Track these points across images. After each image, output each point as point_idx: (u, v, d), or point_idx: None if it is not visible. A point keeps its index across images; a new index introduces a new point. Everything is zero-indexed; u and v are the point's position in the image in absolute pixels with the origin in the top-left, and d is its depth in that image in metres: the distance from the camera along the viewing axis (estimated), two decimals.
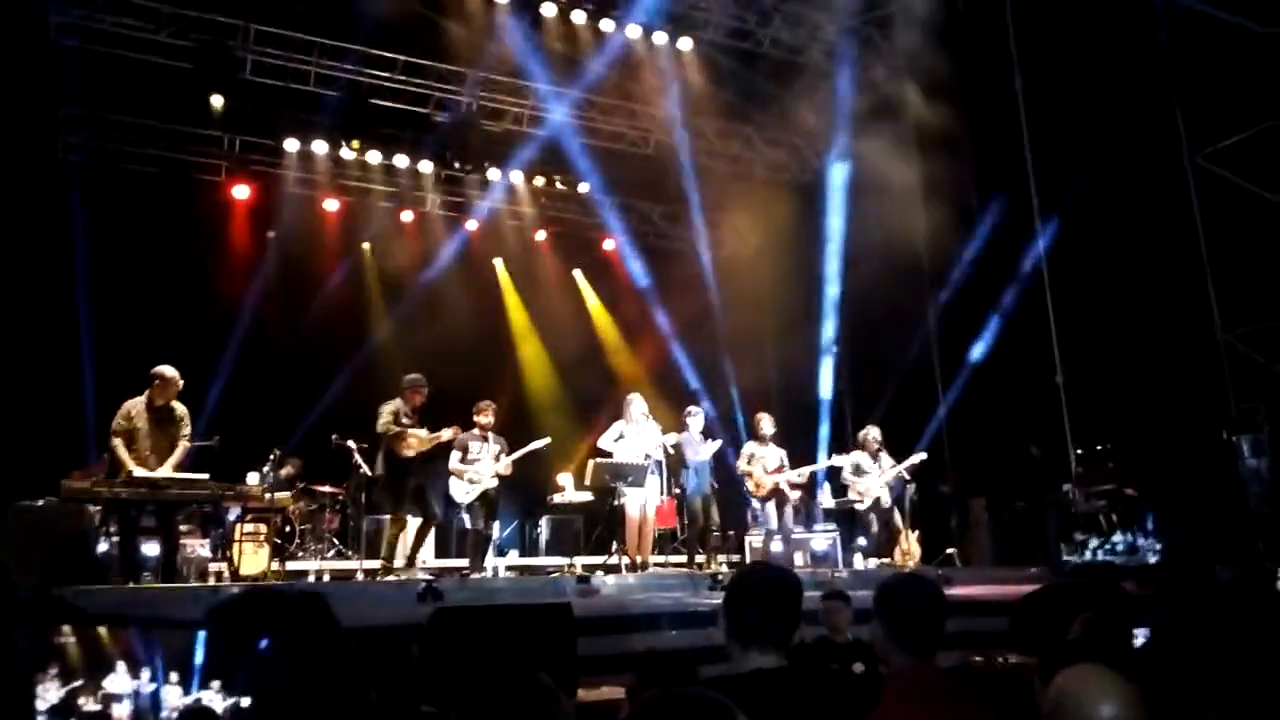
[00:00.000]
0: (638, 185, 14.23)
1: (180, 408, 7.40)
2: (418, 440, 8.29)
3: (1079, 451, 10.05)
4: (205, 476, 7.37)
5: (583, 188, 14.45)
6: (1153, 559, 8.55)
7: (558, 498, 10.34)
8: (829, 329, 13.32)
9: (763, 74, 13.39)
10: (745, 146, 14.49)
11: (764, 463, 9.72)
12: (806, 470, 10.19)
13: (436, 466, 8.65)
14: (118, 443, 7.11)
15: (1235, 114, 9.22)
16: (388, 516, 8.62)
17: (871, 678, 3.54)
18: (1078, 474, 9.94)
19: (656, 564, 9.81)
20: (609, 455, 9.09)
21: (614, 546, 9.30)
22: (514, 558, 11.04)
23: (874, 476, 9.77)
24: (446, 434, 8.47)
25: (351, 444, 9.62)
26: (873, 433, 10.01)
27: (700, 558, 9.44)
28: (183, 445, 7.32)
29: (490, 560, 9.12)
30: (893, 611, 2.51)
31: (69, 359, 10.09)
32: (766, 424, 9.93)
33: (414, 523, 8.47)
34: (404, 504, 8.26)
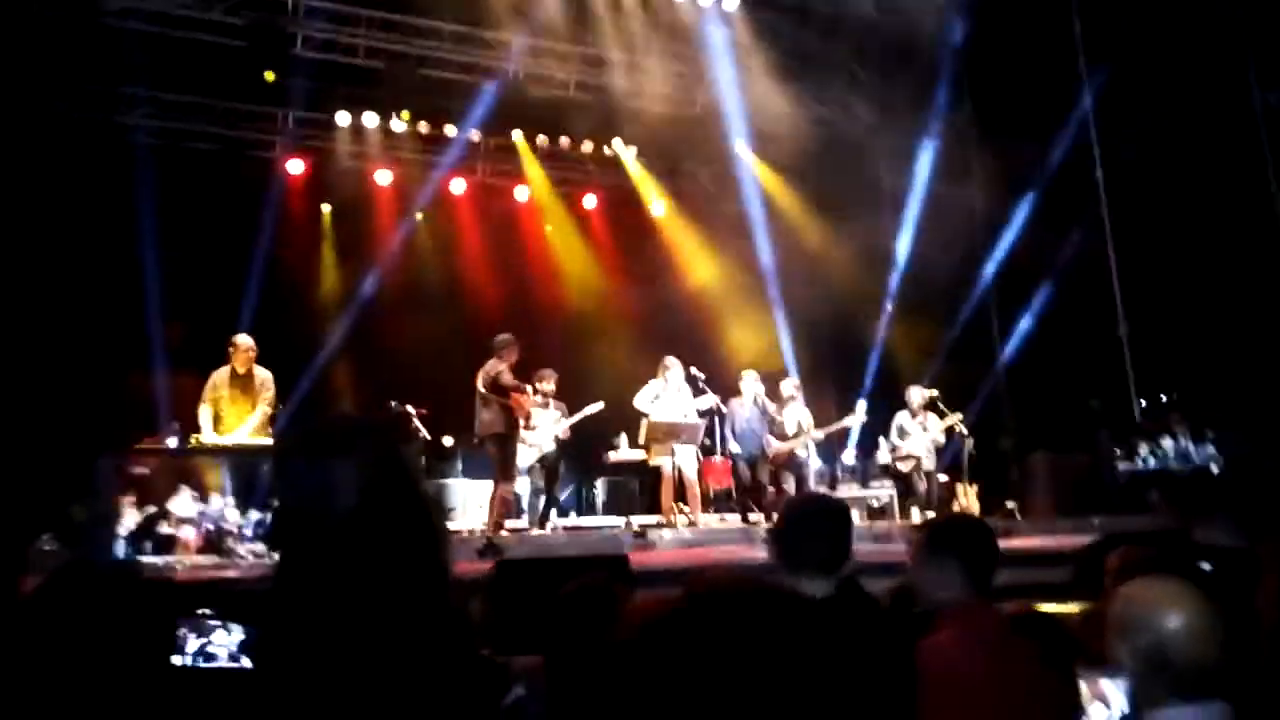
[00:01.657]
0: (686, 147, 14.11)
1: (262, 373, 7.59)
2: (528, 400, 8.40)
3: (1143, 403, 9.82)
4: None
5: (630, 151, 14.37)
6: (1211, 465, 8.26)
7: (613, 455, 10.50)
8: (885, 286, 13.14)
9: (813, 31, 13.13)
10: (794, 105, 14.24)
11: (782, 427, 9.54)
12: (823, 432, 9.94)
13: None
14: (203, 409, 7.30)
15: None
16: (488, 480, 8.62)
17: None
18: (1141, 427, 9.72)
19: (712, 522, 9.85)
20: (646, 415, 9.19)
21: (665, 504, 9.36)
22: (571, 518, 11.15)
23: (916, 438, 9.65)
24: (537, 396, 8.60)
25: (410, 409, 9.75)
26: (915, 393, 9.86)
27: (755, 516, 9.43)
28: (261, 410, 7.47)
29: (551, 520, 9.23)
30: (967, 548, 2.53)
31: (136, 331, 10.36)
32: (786, 386, 9.77)
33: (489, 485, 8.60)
34: (514, 466, 8.40)
